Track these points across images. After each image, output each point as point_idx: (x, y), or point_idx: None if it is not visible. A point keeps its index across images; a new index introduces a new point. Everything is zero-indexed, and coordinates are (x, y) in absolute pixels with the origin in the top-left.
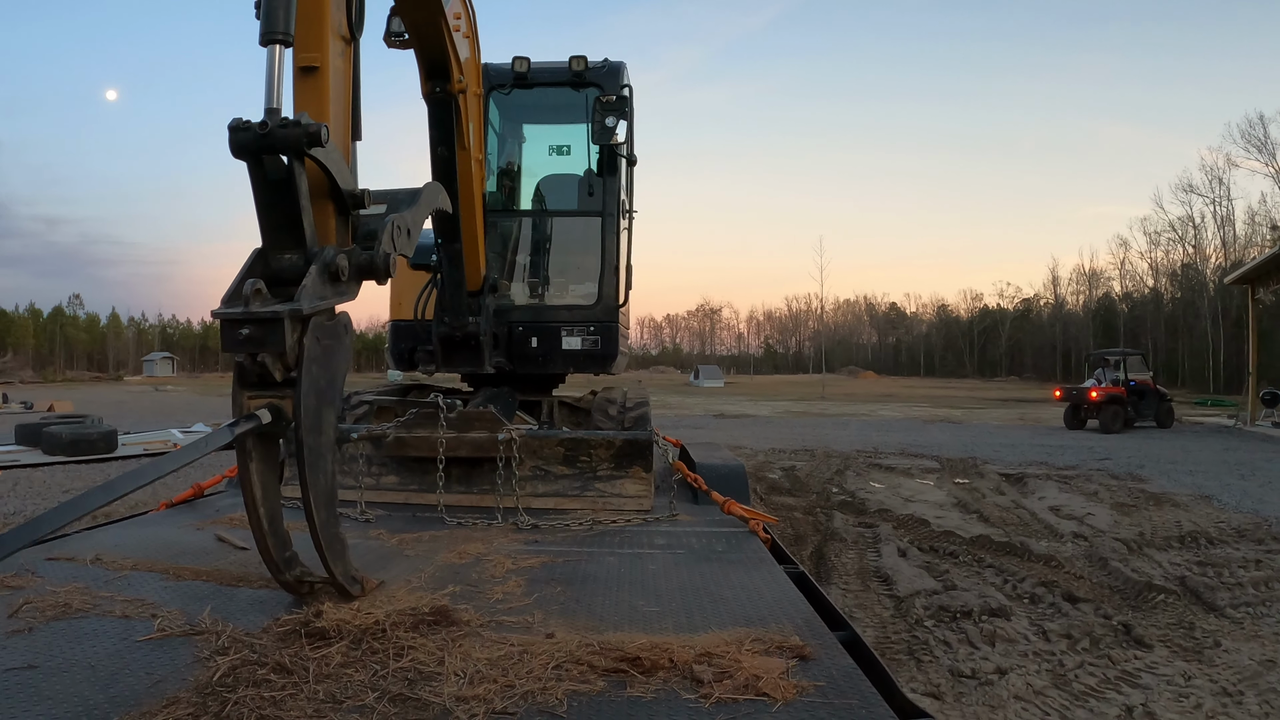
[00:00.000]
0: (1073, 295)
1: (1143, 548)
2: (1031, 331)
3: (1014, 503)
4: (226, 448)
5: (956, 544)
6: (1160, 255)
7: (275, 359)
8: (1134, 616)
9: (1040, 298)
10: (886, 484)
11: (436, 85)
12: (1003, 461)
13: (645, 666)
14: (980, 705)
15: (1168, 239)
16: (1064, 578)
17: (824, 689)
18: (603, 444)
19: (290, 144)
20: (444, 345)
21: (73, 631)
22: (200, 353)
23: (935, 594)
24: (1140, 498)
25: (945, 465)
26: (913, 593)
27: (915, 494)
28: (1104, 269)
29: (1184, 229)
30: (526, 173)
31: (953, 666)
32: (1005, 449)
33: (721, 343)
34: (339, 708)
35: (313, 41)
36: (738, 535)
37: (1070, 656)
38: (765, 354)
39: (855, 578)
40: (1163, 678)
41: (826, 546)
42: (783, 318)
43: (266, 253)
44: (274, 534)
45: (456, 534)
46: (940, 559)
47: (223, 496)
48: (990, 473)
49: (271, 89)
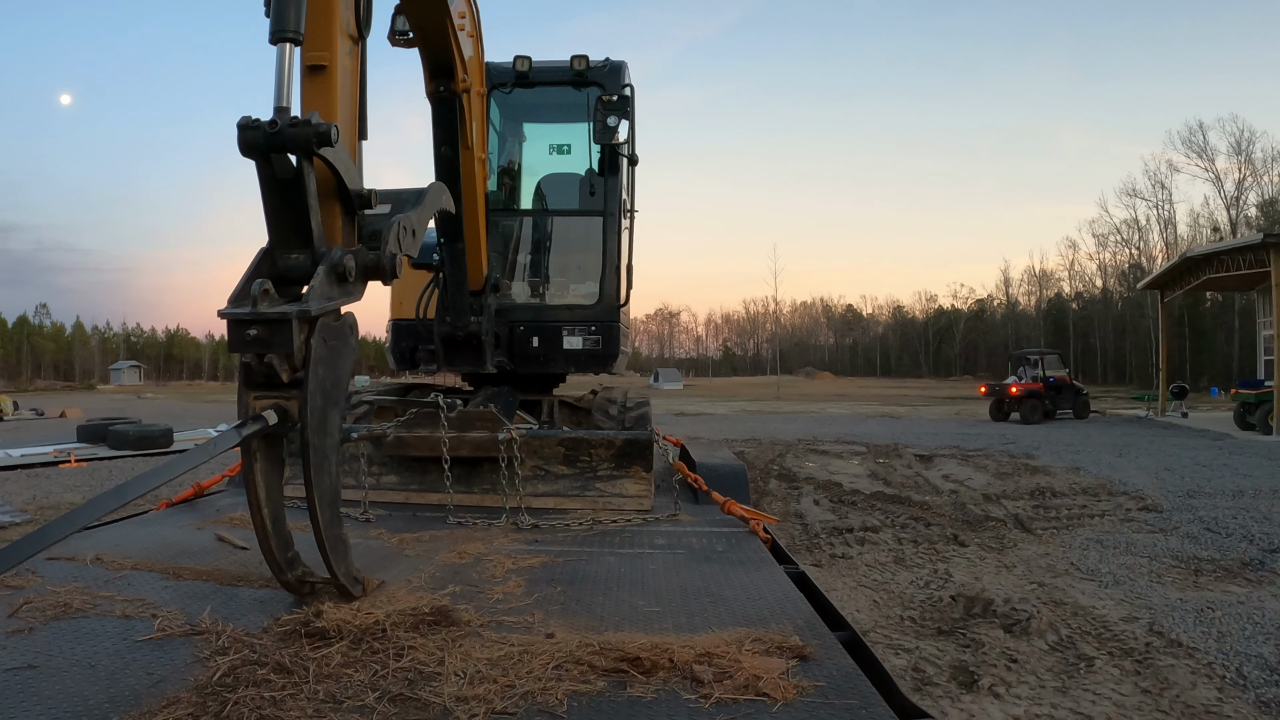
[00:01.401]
0: (1025, 296)
1: (999, 499)
2: (985, 332)
3: (916, 474)
4: (234, 449)
5: (859, 498)
6: (1108, 257)
7: (282, 360)
8: (966, 533)
9: (993, 299)
10: (818, 463)
11: (441, 84)
12: (922, 446)
13: (645, 666)
14: (844, 567)
15: (1115, 241)
16: (928, 514)
17: (824, 689)
18: (603, 444)
19: (300, 143)
20: (445, 345)
21: (73, 631)
22: (165, 361)
23: (833, 523)
24: (1021, 469)
25: (871, 450)
26: (817, 522)
27: (839, 470)
28: (1054, 270)
29: (1129, 232)
30: (527, 172)
31: (832, 553)
32: (930, 437)
33: (680, 345)
34: (339, 708)
35: (321, 40)
36: (738, 535)
37: (911, 550)
38: (724, 357)
39: (778, 516)
40: (966, 559)
41: (760, 501)
42: (741, 321)
43: (273, 252)
44: (277, 534)
45: (457, 534)
46: (844, 506)
47: (223, 496)
48: (907, 454)
49: (281, 87)
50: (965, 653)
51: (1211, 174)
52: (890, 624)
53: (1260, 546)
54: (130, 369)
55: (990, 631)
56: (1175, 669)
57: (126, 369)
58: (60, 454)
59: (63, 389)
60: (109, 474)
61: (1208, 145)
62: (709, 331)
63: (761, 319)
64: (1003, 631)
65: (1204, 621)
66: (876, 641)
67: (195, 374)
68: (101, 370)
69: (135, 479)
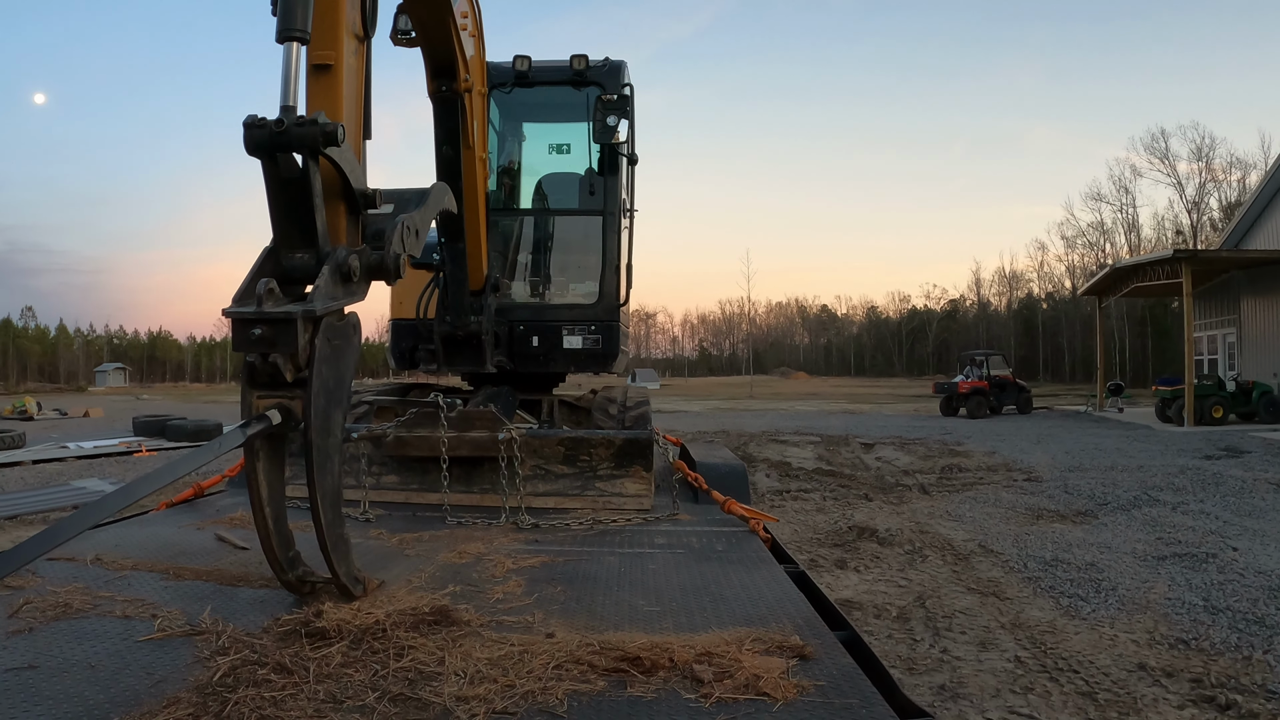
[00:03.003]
0: (996, 296)
1: (914, 473)
2: (958, 331)
3: (857, 457)
4: (238, 448)
5: (802, 472)
6: (1076, 258)
7: (286, 359)
8: (876, 495)
9: (965, 299)
10: (775, 450)
11: (443, 84)
12: (870, 436)
13: (645, 666)
14: (779, 514)
15: (1082, 243)
16: (852, 483)
17: (824, 689)
18: (603, 443)
19: (306, 143)
20: (446, 344)
21: (73, 631)
22: (148, 363)
23: (777, 488)
24: (945, 453)
25: (824, 439)
26: (765, 488)
27: (792, 454)
28: (1024, 271)
29: (1094, 234)
30: (527, 171)
31: (771, 506)
32: (879, 429)
33: (657, 346)
34: (339, 708)
35: (328, 39)
36: (738, 535)
37: (831, 504)
38: (700, 357)
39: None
40: (869, 510)
41: None
42: (717, 321)
43: (278, 251)
44: (279, 534)
45: (457, 534)
46: (788, 478)
47: (223, 496)
48: (855, 443)
49: (288, 86)
50: (846, 554)
51: (1174, 179)
52: (803, 541)
53: (1097, 502)
54: (115, 371)
55: (867, 545)
56: (981, 562)
57: (112, 371)
58: (130, 445)
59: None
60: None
61: (1169, 151)
62: (685, 332)
63: (737, 320)
64: (876, 544)
65: (1018, 542)
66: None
67: (178, 376)
68: (85, 372)
69: (140, 479)
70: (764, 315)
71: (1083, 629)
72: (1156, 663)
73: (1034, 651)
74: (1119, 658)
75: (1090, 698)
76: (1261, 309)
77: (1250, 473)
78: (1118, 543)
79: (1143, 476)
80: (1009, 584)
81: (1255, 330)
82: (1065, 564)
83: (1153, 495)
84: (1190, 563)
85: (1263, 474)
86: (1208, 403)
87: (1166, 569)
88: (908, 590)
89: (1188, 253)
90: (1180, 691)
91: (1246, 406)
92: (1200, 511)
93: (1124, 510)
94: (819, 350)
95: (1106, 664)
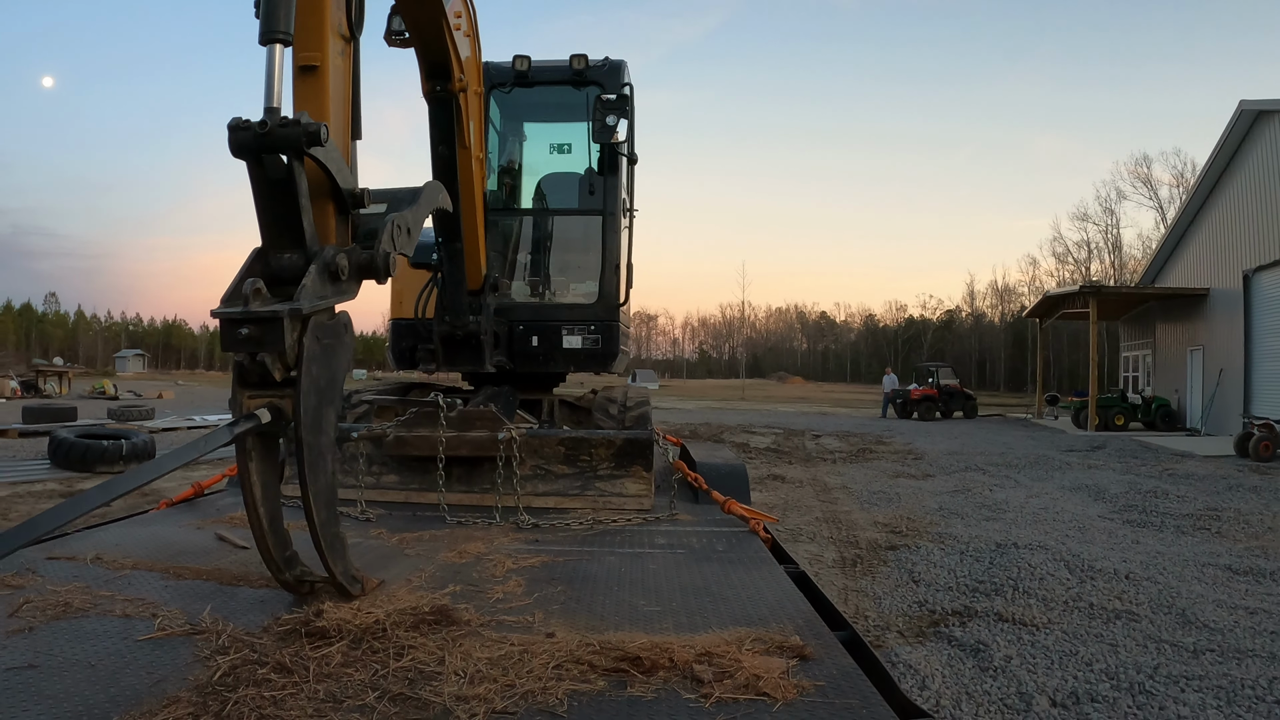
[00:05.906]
0: (990, 309)
1: (835, 453)
2: (952, 341)
3: (803, 443)
4: (226, 446)
5: (755, 451)
6: (1067, 275)
7: (275, 358)
8: (799, 463)
9: (960, 310)
10: (743, 437)
11: (437, 84)
12: (824, 431)
13: (645, 666)
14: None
15: (1071, 260)
16: (787, 456)
17: (824, 689)
18: (603, 443)
19: (290, 143)
20: (445, 344)
21: (73, 631)
22: (164, 350)
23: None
24: (871, 442)
25: (785, 431)
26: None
27: (754, 441)
28: (1016, 284)
29: (1080, 253)
30: (527, 171)
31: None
32: (835, 426)
33: (657, 347)
34: (339, 707)
35: (312, 40)
36: (738, 535)
37: (763, 467)
38: (699, 359)
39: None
40: (788, 469)
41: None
42: (716, 324)
43: (266, 252)
44: (274, 533)
45: (457, 533)
46: (744, 453)
47: (223, 496)
48: (808, 434)
49: (271, 88)
50: (760, 490)
51: (1155, 203)
52: None
53: (943, 470)
54: (135, 357)
55: (777, 486)
56: (838, 493)
57: (131, 357)
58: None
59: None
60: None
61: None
62: (685, 335)
63: (736, 324)
64: (780, 482)
65: (868, 485)
66: None
67: (192, 364)
68: (104, 358)
69: (125, 474)
70: (764, 320)
71: (861, 512)
72: (885, 522)
73: (830, 519)
74: (869, 521)
75: (842, 529)
76: (1171, 335)
77: (1082, 460)
78: (931, 487)
79: (1000, 459)
80: (843, 499)
81: (1165, 353)
82: (884, 494)
83: (985, 468)
84: (960, 494)
85: (1088, 460)
86: (1112, 412)
87: (941, 498)
88: (786, 500)
89: (1093, 287)
90: (881, 529)
91: (1147, 416)
92: (1005, 477)
93: (954, 474)
94: (817, 356)
95: (860, 521)
